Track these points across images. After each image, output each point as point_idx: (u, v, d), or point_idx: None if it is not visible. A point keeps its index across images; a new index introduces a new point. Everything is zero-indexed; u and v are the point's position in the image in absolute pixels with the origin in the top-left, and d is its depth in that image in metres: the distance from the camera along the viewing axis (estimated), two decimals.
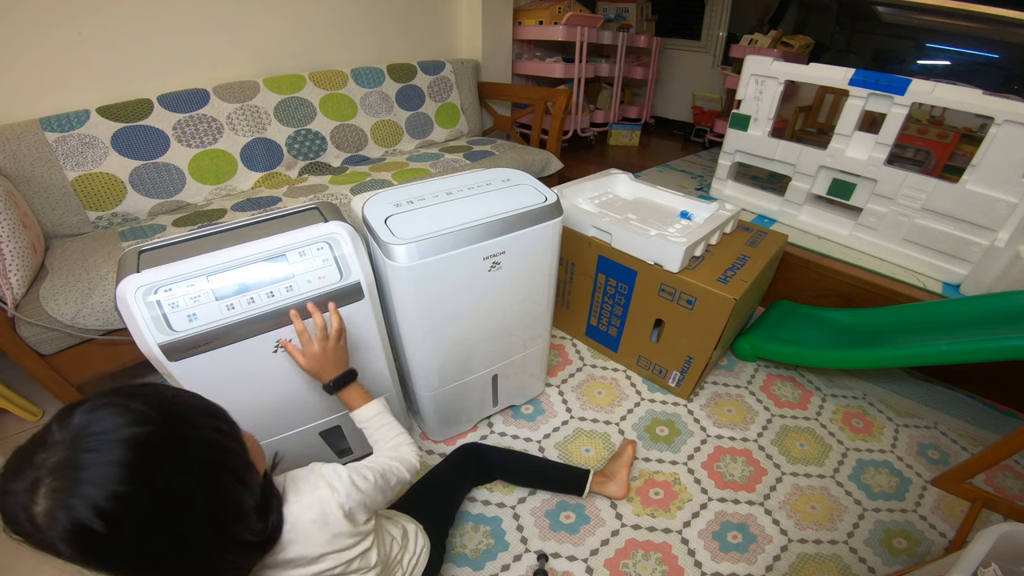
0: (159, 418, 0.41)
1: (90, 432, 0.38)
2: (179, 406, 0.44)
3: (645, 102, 3.16)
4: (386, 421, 0.76)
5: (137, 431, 0.39)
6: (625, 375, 1.45)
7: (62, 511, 0.35)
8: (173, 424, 0.42)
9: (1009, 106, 1.30)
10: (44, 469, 0.36)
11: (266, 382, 0.82)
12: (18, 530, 0.37)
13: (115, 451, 0.37)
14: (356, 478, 0.58)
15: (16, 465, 0.37)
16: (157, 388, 0.44)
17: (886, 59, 3.09)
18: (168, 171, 1.46)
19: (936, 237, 1.52)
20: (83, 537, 0.36)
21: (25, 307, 1.03)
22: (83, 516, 0.35)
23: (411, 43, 2.15)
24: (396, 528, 0.74)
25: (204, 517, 0.42)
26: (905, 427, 1.31)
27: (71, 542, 0.36)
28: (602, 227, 1.27)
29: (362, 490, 0.58)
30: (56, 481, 0.36)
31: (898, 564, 0.99)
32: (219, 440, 0.45)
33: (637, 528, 1.04)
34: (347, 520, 0.55)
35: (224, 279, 0.71)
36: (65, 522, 0.35)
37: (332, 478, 0.56)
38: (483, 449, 1.06)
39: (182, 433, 0.42)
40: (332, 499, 0.54)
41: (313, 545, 0.52)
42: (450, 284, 0.88)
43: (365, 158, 1.92)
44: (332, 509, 0.54)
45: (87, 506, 0.36)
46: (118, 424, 0.39)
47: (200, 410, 0.46)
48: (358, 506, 0.57)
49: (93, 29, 1.37)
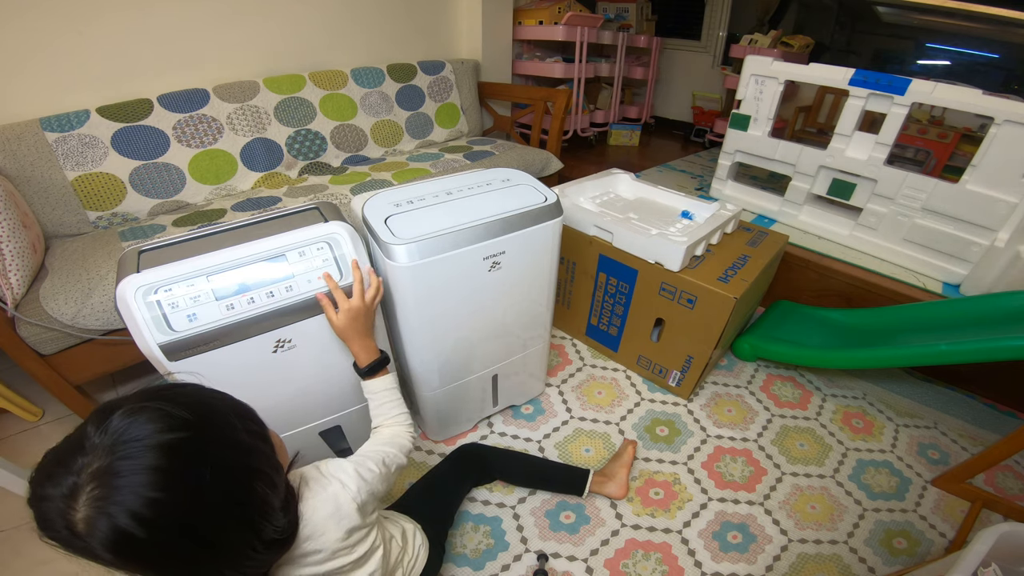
0: (195, 422, 0.42)
1: (128, 438, 0.38)
2: (214, 409, 0.45)
3: (645, 102, 3.16)
4: (392, 397, 0.77)
5: (173, 437, 0.39)
6: (625, 375, 1.45)
7: (103, 518, 0.36)
8: (208, 428, 0.43)
9: (1009, 106, 1.30)
10: (84, 475, 0.36)
11: (266, 382, 0.82)
12: (55, 536, 0.37)
13: (152, 457, 0.38)
14: (362, 471, 0.60)
15: (53, 469, 0.37)
16: (192, 389, 0.46)
17: (886, 59, 3.09)
18: (168, 171, 1.46)
19: (936, 237, 1.52)
20: (123, 543, 0.36)
21: (25, 307, 1.03)
22: (123, 523, 0.36)
23: (411, 43, 2.15)
24: (395, 528, 0.74)
25: (237, 518, 0.43)
26: (905, 427, 1.31)
27: (111, 548, 0.36)
28: (603, 226, 1.28)
29: (368, 481, 0.60)
30: (96, 489, 0.36)
31: (898, 564, 0.99)
32: (251, 442, 0.46)
33: (637, 528, 1.04)
34: (359, 513, 0.57)
35: (224, 279, 0.71)
36: (105, 529, 0.36)
37: (340, 474, 0.58)
38: (482, 449, 1.06)
39: (217, 436, 0.43)
40: (344, 494, 0.56)
41: (328, 540, 0.53)
42: (450, 284, 0.88)
43: (365, 158, 1.92)
44: (345, 503, 0.56)
45: (126, 513, 0.36)
46: (155, 429, 0.39)
47: (234, 412, 0.47)
48: (369, 497, 0.59)
49: (93, 29, 1.37)
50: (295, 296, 0.76)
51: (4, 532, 1.00)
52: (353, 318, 0.76)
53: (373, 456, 0.65)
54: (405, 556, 0.73)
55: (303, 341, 0.81)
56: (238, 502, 0.43)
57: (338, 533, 0.54)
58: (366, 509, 0.59)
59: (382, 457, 0.66)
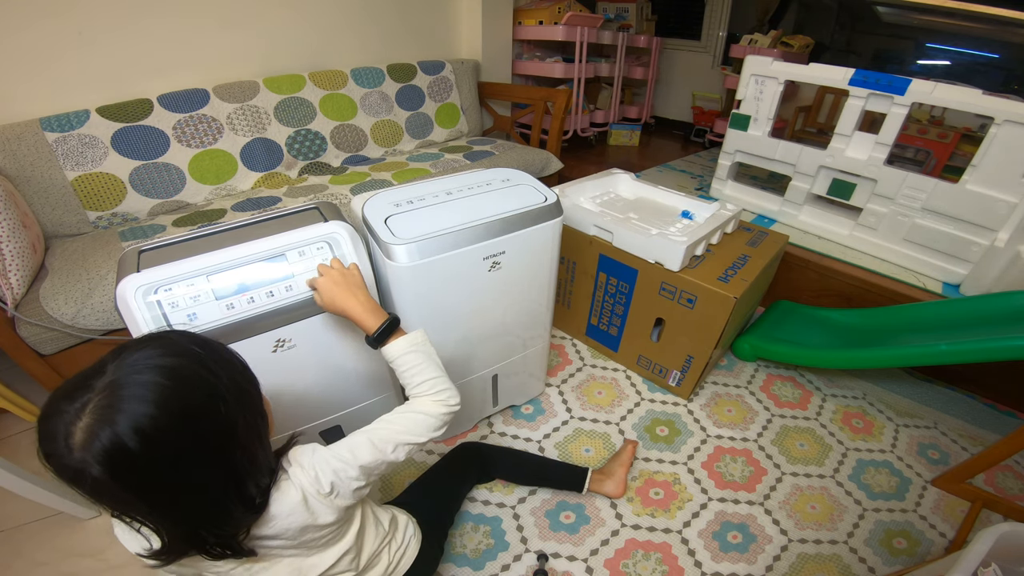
0: (198, 352, 0.47)
1: (137, 359, 0.43)
2: (215, 348, 0.50)
3: (645, 102, 3.16)
4: (415, 362, 0.67)
5: (176, 360, 0.44)
6: (625, 375, 1.45)
7: (105, 427, 0.39)
8: (208, 359, 0.47)
9: (1009, 106, 1.30)
10: (95, 390, 0.40)
11: (265, 382, 0.80)
12: (51, 451, 0.39)
13: (155, 374, 0.42)
14: (341, 474, 0.56)
15: (71, 390, 0.41)
16: (198, 334, 0.51)
17: (886, 59, 3.09)
18: (168, 171, 1.46)
19: (936, 237, 1.52)
20: (117, 456, 0.39)
21: (25, 307, 1.03)
22: (122, 431, 0.39)
23: (411, 43, 2.15)
24: (384, 513, 0.73)
25: (225, 456, 0.46)
26: (905, 427, 1.31)
27: (104, 460, 0.38)
28: (604, 226, 1.28)
29: (347, 476, 0.56)
30: (104, 398, 0.40)
31: (898, 564, 0.99)
32: (245, 385, 0.51)
33: (637, 528, 1.04)
34: (327, 499, 0.55)
35: (224, 279, 0.71)
36: (105, 440, 0.38)
37: (320, 466, 0.55)
38: (481, 448, 1.06)
39: (215, 369, 0.47)
40: (312, 486, 0.54)
41: (296, 520, 0.53)
42: (450, 284, 0.88)
43: (365, 158, 1.92)
44: (312, 493, 0.54)
45: (127, 422, 0.39)
46: (161, 352, 0.44)
47: (233, 356, 0.51)
48: (345, 491, 0.57)
49: (93, 29, 1.37)
50: (295, 296, 0.76)
51: (4, 532, 1.00)
52: (334, 282, 0.70)
53: (364, 441, 0.60)
54: (393, 543, 0.71)
55: (303, 341, 0.81)
56: (227, 435, 0.46)
57: (305, 516, 0.53)
58: (340, 500, 0.56)
59: (380, 438, 0.61)
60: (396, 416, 0.64)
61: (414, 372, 0.67)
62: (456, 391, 0.69)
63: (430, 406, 0.66)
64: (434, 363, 0.69)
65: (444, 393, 0.67)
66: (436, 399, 0.67)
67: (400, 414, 0.65)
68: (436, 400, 0.67)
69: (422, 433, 0.64)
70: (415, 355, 0.68)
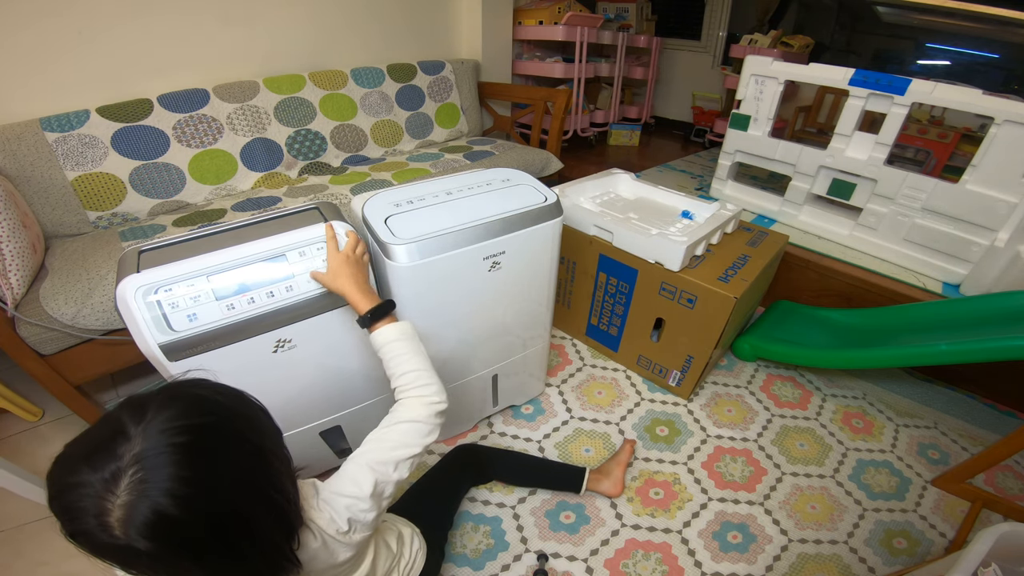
0: (226, 406, 0.45)
1: (163, 424, 0.39)
2: (243, 399, 0.48)
3: (645, 102, 3.16)
4: (402, 350, 0.66)
5: (205, 420, 0.42)
6: (625, 375, 1.45)
7: (144, 501, 0.35)
8: (236, 414, 0.45)
9: (1009, 106, 1.30)
10: (127, 459, 0.36)
11: (266, 382, 0.82)
12: (80, 528, 0.36)
13: (186, 437, 0.39)
14: (353, 510, 0.55)
15: (91, 455, 0.37)
16: (218, 382, 0.48)
17: (886, 59, 3.09)
18: (168, 171, 1.46)
19: (936, 237, 1.52)
20: (161, 525, 0.36)
21: (25, 307, 1.03)
22: (162, 503, 0.36)
23: (411, 43, 2.15)
24: (391, 534, 0.73)
25: (266, 502, 0.44)
26: (905, 427, 1.31)
27: (150, 533, 0.36)
28: (604, 226, 1.28)
29: (360, 509, 0.56)
30: (140, 472, 0.36)
31: (898, 564, 0.99)
32: (271, 431, 0.49)
33: (637, 528, 1.04)
34: (346, 537, 0.54)
35: (224, 279, 0.71)
36: (146, 512, 0.35)
37: (333, 503, 0.54)
38: (479, 450, 1.06)
39: (243, 424, 0.45)
40: (331, 527, 0.53)
41: (319, 564, 0.52)
42: (450, 284, 0.88)
43: (365, 158, 1.92)
44: (331, 534, 0.53)
45: (164, 492, 0.36)
46: (190, 413, 0.41)
47: (255, 404, 0.49)
48: (363, 525, 0.56)
49: (93, 29, 1.37)
50: (295, 296, 0.76)
51: (5, 532, 0.99)
52: (346, 256, 0.73)
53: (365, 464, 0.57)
54: (402, 561, 0.71)
55: (303, 341, 0.81)
56: (267, 483, 0.44)
57: (325, 557, 0.53)
58: (355, 533, 0.55)
59: (381, 459, 0.59)
60: (385, 432, 0.61)
61: (399, 362, 0.66)
62: (442, 388, 0.66)
63: (415, 409, 0.63)
64: (420, 355, 0.67)
65: (428, 388, 0.64)
66: (419, 396, 0.64)
67: (388, 428, 0.61)
68: (419, 398, 0.64)
69: (415, 443, 0.61)
70: (401, 344, 0.67)
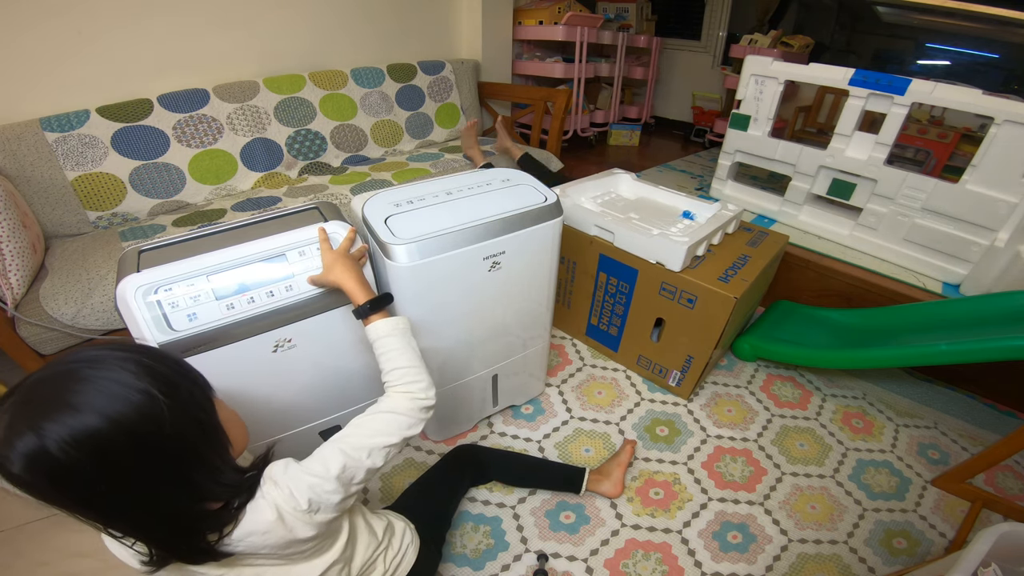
0: (144, 361, 0.47)
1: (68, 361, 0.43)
2: (164, 357, 0.49)
3: (645, 102, 3.16)
4: (394, 345, 0.67)
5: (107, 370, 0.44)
6: (625, 375, 1.45)
7: (26, 429, 0.39)
8: (155, 369, 0.47)
9: (1009, 106, 1.31)
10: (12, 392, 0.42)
11: (266, 382, 0.82)
12: None
13: (76, 368, 0.43)
14: (314, 480, 0.55)
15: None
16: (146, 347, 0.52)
17: (886, 59, 3.10)
18: (168, 171, 1.46)
19: (936, 237, 1.52)
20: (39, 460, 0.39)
21: (25, 307, 1.03)
22: (47, 437, 0.39)
23: (411, 43, 2.15)
24: (380, 522, 0.72)
25: (174, 465, 0.45)
26: (905, 427, 1.31)
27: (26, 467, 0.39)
28: (604, 226, 1.28)
29: (324, 490, 0.55)
30: (20, 395, 0.41)
31: (898, 564, 0.99)
32: (198, 391, 0.51)
33: (637, 528, 1.04)
34: (306, 516, 0.53)
35: (224, 279, 0.71)
36: (29, 443, 0.39)
37: (297, 480, 0.54)
38: (478, 450, 1.06)
39: (163, 376, 0.47)
40: (288, 503, 0.52)
41: (273, 537, 0.52)
42: (450, 284, 0.88)
43: (365, 158, 1.92)
44: (288, 510, 0.52)
45: (41, 421, 0.40)
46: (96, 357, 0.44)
47: (182, 364, 0.51)
48: (326, 505, 0.55)
49: (93, 29, 1.37)
50: (295, 296, 0.76)
51: (5, 532, 0.99)
52: (342, 251, 0.75)
53: (336, 450, 0.57)
54: (389, 552, 0.71)
55: (303, 341, 0.81)
56: (177, 447, 0.46)
57: (283, 533, 0.52)
58: (321, 518, 0.54)
59: (353, 445, 0.59)
60: (366, 419, 0.62)
61: (390, 357, 0.67)
62: (431, 384, 0.66)
63: (400, 402, 0.64)
64: (412, 352, 0.68)
65: (415, 385, 0.65)
66: (406, 392, 0.65)
67: (370, 416, 0.62)
68: (405, 393, 0.65)
69: (394, 433, 0.62)
70: (394, 339, 0.68)
